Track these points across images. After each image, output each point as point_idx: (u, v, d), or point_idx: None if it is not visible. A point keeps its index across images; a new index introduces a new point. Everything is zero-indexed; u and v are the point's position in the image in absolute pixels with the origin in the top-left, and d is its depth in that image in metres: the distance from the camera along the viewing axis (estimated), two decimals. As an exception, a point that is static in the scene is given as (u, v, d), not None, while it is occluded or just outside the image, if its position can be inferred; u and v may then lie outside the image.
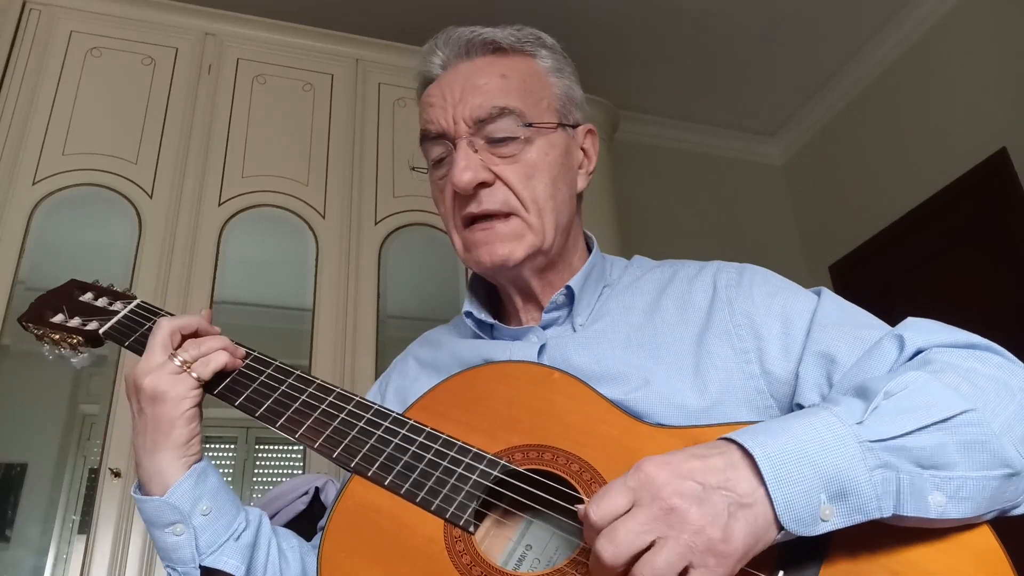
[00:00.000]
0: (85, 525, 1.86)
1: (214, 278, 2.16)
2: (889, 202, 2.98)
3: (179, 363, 0.75)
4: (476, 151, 0.81)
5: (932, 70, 2.88)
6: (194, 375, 0.75)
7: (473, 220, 0.82)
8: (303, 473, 2.07)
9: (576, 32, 2.88)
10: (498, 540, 0.68)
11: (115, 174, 2.19)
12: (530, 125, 0.82)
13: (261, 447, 2.34)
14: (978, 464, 0.56)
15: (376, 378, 1.07)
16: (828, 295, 0.78)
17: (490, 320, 0.87)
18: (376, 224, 2.39)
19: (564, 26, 2.90)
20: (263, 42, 2.53)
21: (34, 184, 2.11)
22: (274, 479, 2.35)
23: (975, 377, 0.61)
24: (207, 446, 0.78)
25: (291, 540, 0.83)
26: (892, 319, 0.80)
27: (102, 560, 1.80)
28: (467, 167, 0.79)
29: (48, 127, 2.18)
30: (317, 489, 0.97)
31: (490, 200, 0.81)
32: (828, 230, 3.31)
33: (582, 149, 0.90)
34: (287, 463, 2.37)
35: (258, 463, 2.35)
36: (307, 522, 0.96)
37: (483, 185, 0.81)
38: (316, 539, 0.89)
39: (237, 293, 2.26)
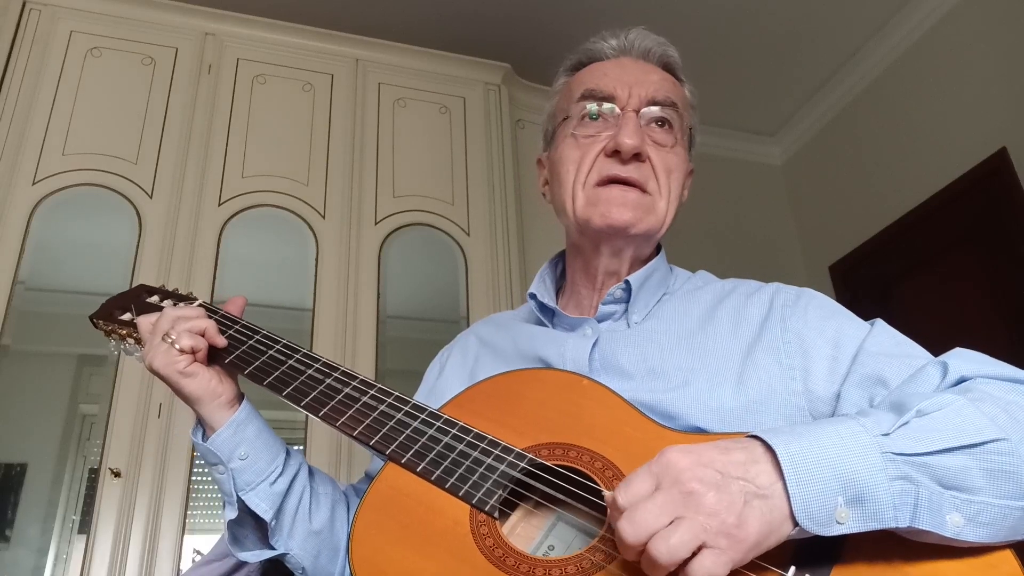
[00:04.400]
0: (85, 525, 1.87)
1: (214, 278, 2.17)
2: (889, 202, 2.98)
3: (167, 340, 0.83)
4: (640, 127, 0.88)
5: (932, 70, 2.88)
6: (177, 347, 0.82)
7: (611, 181, 0.87)
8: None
9: (576, 32, 2.88)
10: (527, 532, 0.71)
11: (115, 174, 2.20)
12: (690, 128, 0.92)
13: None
14: (1003, 493, 0.57)
15: (375, 378, 1.08)
16: (882, 325, 0.79)
17: (552, 305, 0.91)
18: (376, 224, 2.39)
19: (564, 25, 2.91)
20: (263, 42, 2.53)
21: (34, 184, 2.11)
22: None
23: (1014, 410, 0.61)
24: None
25: (327, 486, 0.90)
26: (892, 319, 0.80)
27: (102, 560, 1.80)
28: (637, 132, 0.86)
29: (48, 127, 2.19)
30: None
31: (638, 172, 0.87)
32: (828, 230, 3.31)
33: None
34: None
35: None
36: None
37: (637, 157, 0.87)
38: (349, 488, 0.97)
39: (237, 293, 2.22)
